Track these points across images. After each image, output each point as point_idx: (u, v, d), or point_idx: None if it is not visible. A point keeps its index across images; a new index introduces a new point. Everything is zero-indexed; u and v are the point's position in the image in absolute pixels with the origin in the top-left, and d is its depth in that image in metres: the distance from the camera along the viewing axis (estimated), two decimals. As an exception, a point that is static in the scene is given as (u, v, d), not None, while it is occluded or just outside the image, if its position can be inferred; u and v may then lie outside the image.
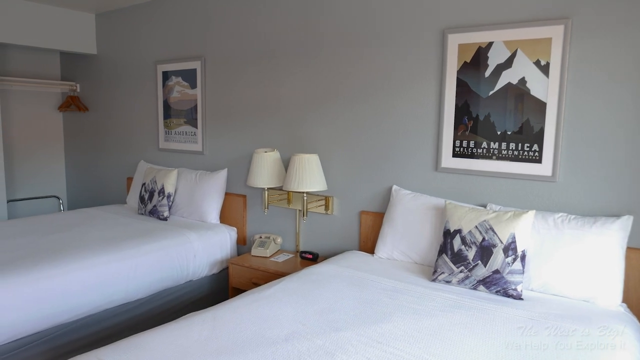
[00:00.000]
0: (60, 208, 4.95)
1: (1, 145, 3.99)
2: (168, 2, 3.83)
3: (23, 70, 4.62)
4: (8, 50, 4.36)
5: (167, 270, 2.90)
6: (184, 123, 3.79)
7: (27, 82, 4.49)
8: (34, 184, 4.81)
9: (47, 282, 2.36)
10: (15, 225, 3.24)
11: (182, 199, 3.52)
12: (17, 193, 4.58)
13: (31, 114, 4.75)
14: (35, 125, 4.80)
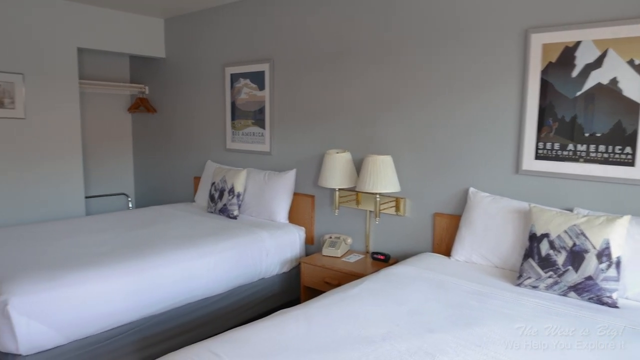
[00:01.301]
0: (129, 205, 5.16)
1: (80, 145, 4.20)
2: (236, 6, 3.93)
3: (95, 74, 4.85)
4: (83, 54, 4.59)
5: (242, 267, 2.98)
6: (251, 124, 3.88)
7: (100, 84, 4.71)
8: (104, 181, 5.04)
9: (136, 276, 2.48)
10: (96, 221, 3.42)
11: (251, 198, 3.61)
12: (89, 190, 4.81)
13: (103, 115, 4.99)
14: (107, 126, 5.04)
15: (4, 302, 2.04)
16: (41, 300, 2.12)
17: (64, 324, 2.19)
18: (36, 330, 2.09)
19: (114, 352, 2.40)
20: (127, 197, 5.18)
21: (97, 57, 4.83)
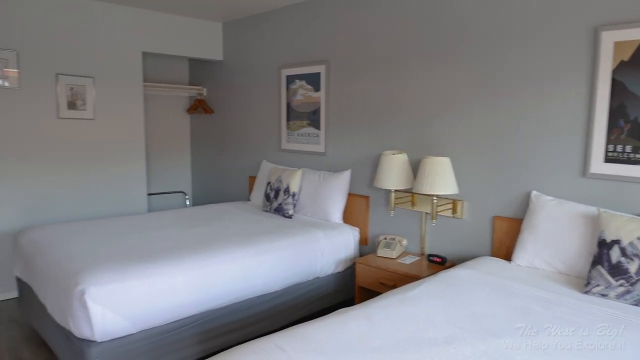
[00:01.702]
0: (186, 203, 5.36)
1: (143, 145, 4.41)
2: (292, 9, 4.00)
3: (156, 76, 5.07)
4: (146, 58, 4.81)
5: (298, 266, 3.03)
6: (306, 125, 3.93)
7: (161, 87, 4.92)
8: (163, 180, 5.26)
9: (199, 272, 2.58)
10: (159, 217, 3.58)
11: (305, 198, 3.66)
12: (150, 188, 5.03)
13: (163, 116, 5.21)
14: (166, 126, 5.25)
15: (81, 292, 2.18)
16: (114, 291, 2.25)
17: (134, 314, 2.31)
18: (109, 318, 2.22)
19: (178, 342, 2.51)
20: (185, 195, 5.38)
21: (159, 60, 5.04)
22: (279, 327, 2.91)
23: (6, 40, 3.59)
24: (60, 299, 2.34)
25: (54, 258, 2.60)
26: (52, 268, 2.53)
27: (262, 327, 2.88)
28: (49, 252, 2.71)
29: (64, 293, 2.29)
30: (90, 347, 2.22)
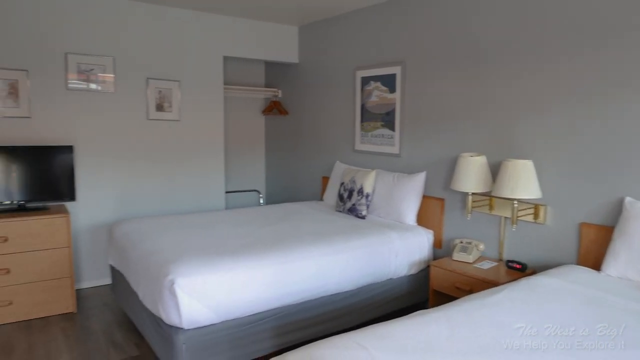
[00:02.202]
0: (260, 201, 5.54)
1: (222, 145, 4.62)
2: (368, 11, 4.02)
3: (234, 79, 5.29)
4: (225, 61, 5.03)
5: (372, 266, 3.05)
6: (380, 126, 3.94)
7: (239, 89, 5.13)
8: (239, 178, 5.48)
9: (276, 268, 2.67)
10: (237, 214, 3.73)
11: (379, 199, 3.66)
12: (226, 186, 5.26)
13: (240, 118, 5.43)
14: (243, 127, 5.47)
15: (171, 281, 2.34)
16: (200, 282, 2.39)
17: (217, 305, 2.44)
18: (195, 308, 2.36)
19: (256, 334, 2.61)
20: (259, 194, 5.57)
21: (237, 63, 5.26)
22: (351, 326, 2.94)
23: (105, 47, 3.91)
24: (152, 288, 2.52)
25: (145, 249, 2.80)
26: (143, 259, 2.73)
27: (335, 325, 2.93)
28: (141, 243, 2.92)
29: (155, 282, 2.47)
30: (178, 333, 2.37)
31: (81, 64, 3.81)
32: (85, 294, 3.92)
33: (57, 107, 3.78)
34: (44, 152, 3.57)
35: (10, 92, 3.59)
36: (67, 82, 3.79)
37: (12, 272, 3.30)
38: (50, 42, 3.70)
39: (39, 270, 3.38)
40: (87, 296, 3.87)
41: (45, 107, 3.74)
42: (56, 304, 3.48)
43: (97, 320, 3.43)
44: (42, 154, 3.57)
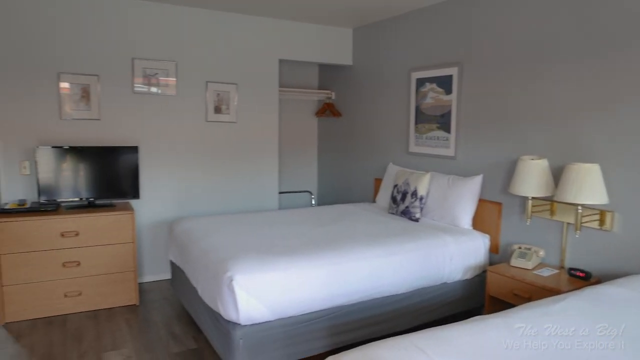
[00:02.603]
0: (311, 202, 5.60)
1: (277, 146, 4.72)
2: (424, 12, 3.98)
3: (288, 82, 5.38)
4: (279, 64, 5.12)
5: (426, 269, 3.02)
6: (436, 128, 3.89)
7: (293, 91, 5.21)
8: (291, 179, 5.56)
9: (330, 268, 2.69)
10: (291, 214, 3.80)
11: (433, 202, 3.62)
12: (279, 186, 5.36)
13: (293, 119, 5.51)
14: (296, 129, 5.55)
15: (229, 278, 2.42)
16: (257, 280, 2.45)
17: (273, 302, 2.49)
18: (252, 305, 2.43)
19: (309, 333, 2.65)
20: (311, 195, 5.63)
21: (291, 66, 5.34)
22: (404, 329, 2.93)
23: (168, 52, 4.09)
24: (211, 284, 2.61)
25: (204, 247, 2.91)
26: (203, 255, 2.83)
27: (388, 327, 2.92)
28: (200, 241, 3.04)
29: (214, 279, 2.56)
30: (235, 329, 2.44)
31: (146, 69, 4.01)
32: (147, 287, 4.11)
33: (123, 109, 3.99)
34: (112, 152, 3.79)
35: (83, 95, 3.83)
36: (133, 86, 4.00)
37: (81, 265, 3.51)
38: (119, 48, 3.91)
39: (105, 264, 3.59)
40: (148, 290, 4.06)
41: (113, 109, 3.96)
42: (120, 296, 3.67)
43: (157, 313, 3.59)
44: (110, 154, 3.78)
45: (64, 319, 3.44)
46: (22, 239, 3.32)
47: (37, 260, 3.38)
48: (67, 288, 3.49)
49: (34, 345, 3.05)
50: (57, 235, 3.42)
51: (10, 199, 3.69)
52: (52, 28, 3.68)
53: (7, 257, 3.29)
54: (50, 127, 3.76)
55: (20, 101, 3.65)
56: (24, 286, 3.36)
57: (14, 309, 3.36)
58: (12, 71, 3.60)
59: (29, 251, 3.35)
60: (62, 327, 3.33)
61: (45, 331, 3.25)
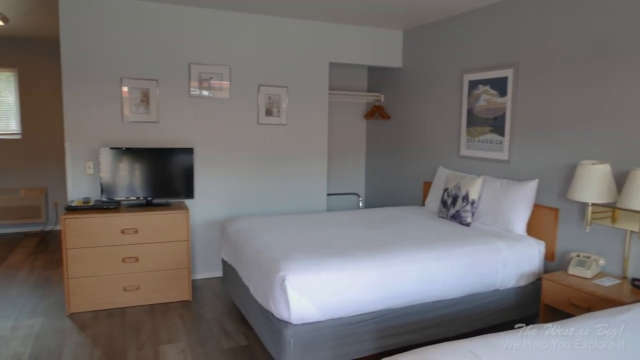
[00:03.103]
0: (359, 205, 5.61)
1: (326, 148, 4.76)
2: (478, 13, 3.91)
3: (338, 84, 5.41)
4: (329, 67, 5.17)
5: (477, 275, 2.96)
6: (488, 131, 3.81)
7: (342, 94, 5.24)
8: (339, 181, 5.59)
9: (381, 271, 2.70)
10: (339, 216, 3.83)
11: (485, 206, 3.54)
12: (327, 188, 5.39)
13: (342, 122, 5.54)
14: (344, 131, 5.57)
15: (282, 278, 2.47)
16: (309, 280, 2.49)
17: (324, 303, 2.52)
18: (304, 304, 2.47)
19: (359, 335, 2.66)
20: (358, 197, 5.64)
21: (340, 69, 5.38)
22: (455, 335, 2.88)
23: (222, 57, 4.23)
24: (263, 283, 2.68)
25: (257, 246, 2.98)
26: (255, 255, 2.91)
27: (439, 332, 2.89)
28: (252, 240, 3.11)
29: (266, 278, 2.62)
30: (286, 327, 2.49)
31: (202, 73, 4.16)
32: (199, 284, 4.25)
33: (180, 112, 4.16)
34: (168, 154, 3.95)
35: (142, 99, 4.01)
36: (189, 90, 4.15)
37: (140, 261, 3.68)
38: (177, 54, 4.08)
39: (161, 261, 3.74)
40: (200, 287, 4.20)
41: (170, 112, 4.13)
42: (175, 291, 3.82)
43: (209, 310, 3.71)
44: (167, 155, 3.95)
45: (123, 312, 3.62)
46: (86, 235, 3.52)
47: (99, 255, 3.57)
48: (126, 282, 3.67)
49: (96, 336, 3.22)
50: (118, 232, 3.60)
51: (76, 196, 3.92)
52: (117, 37, 3.88)
53: (72, 252, 3.50)
54: (112, 129, 3.96)
55: (87, 105, 3.87)
56: (87, 279, 3.56)
57: (78, 300, 3.56)
58: (81, 78, 3.82)
59: (92, 246, 3.54)
60: (122, 319, 3.50)
61: (106, 323, 3.43)
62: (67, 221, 3.47)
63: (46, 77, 6.04)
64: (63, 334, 3.24)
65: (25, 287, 4.15)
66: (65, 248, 3.48)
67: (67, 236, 3.47)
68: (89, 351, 3.01)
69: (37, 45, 5.97)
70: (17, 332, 3.26)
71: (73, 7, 3.75)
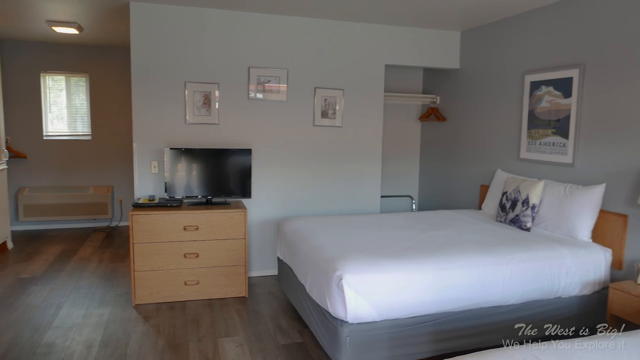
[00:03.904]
0: (412, 207, 5.56)
1: (380, 150, 4.77)
2: (541, 12, 3.79)
3: (392, 86, 5.40)
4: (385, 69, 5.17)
5: (538, 281, 2.88)
6: (551, 133, 3.68)
7: (398, 96, 5.22)
8: (392, 183, 5.57)
9: (438, 273, 2.68)
10: (394, 218, 3.82)
11: (547, 211, 3.43)
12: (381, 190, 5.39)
13: (396, 124, 5.51)
14: (398, 133, 5.55)
15: (339, 277, 2.51)
16: (365, 280, 2.52)
17: (380, 303, 2.54)
18: (360, 304, 2.50)
19: (414, 337, 2.66)
20: (412, 199, 5.59)
21: (395, 70, 5.36)
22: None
23: (280, 60, 4.33)
24: (319, 282, 2.73)
25: (313, 245, 3.04)
26: (312, 254, 2.96)
27: (497, 337, 2.83)
28: (308, 240, 3.18)
29: (323, 277, 2.67)
30: (342, 326, 2.53)
31: (260, 76, 4.28)
32: (254, 281, 4.37)
33: (239, 114, 4.30)
34: (228, 154, 4.09)
35: (204, 102, 4.18)
36: (248, 93, 4.28)
37: (200, 257, 3.84)
38: (237, 58, 4.22)
39: (220, 257, 3.88)
40: (255, 284, 4.31)
41: (230, 114, 4.27)
42: (232, 287, 3.95)
43: (265, 306, 3.80)
44: (226, 156, 4.09)
45: (184, 305, 3.78)
46: (151, 231, 3.71)
47: (163, 250, 3.75)
48: (187, 277, 3.83)
49: (159, 326, 3.39)
50: (180, 229, 3.77)
51: (142, 194, 4.14)
52: (182, 43, 4.07)
53: (139, 246, 3.70)
54: (176, 130, 4.16)
55: (153, 108, 4.08)
56: (151, 273, 3.75)
57: (143, 292, 3.76)
58: (148, 83, 4.04)
59: (157, 242, 3.73)
60: (183, 312, 3.66)
61: (169, 315, 3.60)
62: (134, 217, 3.67)
63: (114, 82, 6.42)
64: (129, 324, 3.43)
65: (94, 278, 4.42)
66: (132, 243, 3.68)
67: (134, 231, 3.68)
68: (153, 340, 3.18)
69: (106, 51, 6.35)
70: (88, 320, 3.48)
71: (142, 16, 3.97)
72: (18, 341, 3.14)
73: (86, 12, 4.29)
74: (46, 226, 6.40)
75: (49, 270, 4.64)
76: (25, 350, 3.02)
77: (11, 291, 4.04)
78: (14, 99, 6.11)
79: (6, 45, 5.97)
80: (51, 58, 6.18)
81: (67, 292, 4.04)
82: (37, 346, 3.07)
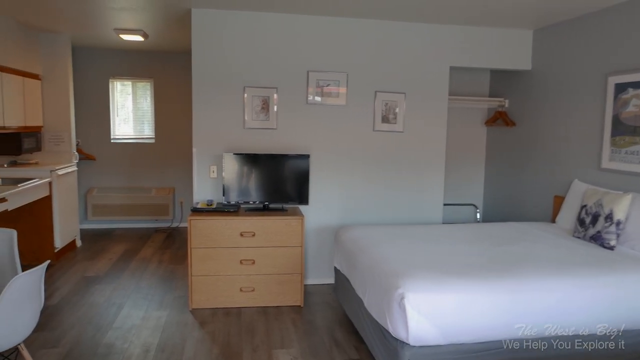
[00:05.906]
0: (476, 216, 5.26)
1: (443, 156, 4.53)
2: (627, 7, 3.42)
3: (456, 89, 5.12)
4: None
5: (627, 309, 2.56)
6: (639, 141, 3.31)
7: (463, 99, 4.95)
8: (454, 190, 5.29)
9: (510, 295, 2.44)
10: (459, 230, 3.58)
11: (634, 228, 3.08)
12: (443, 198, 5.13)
13: (460, 128, 5.24)
14: (463, 138, 5.27)
15: (400, 295, 2.34)
16: (430, 300, 2.33)
17: (445, 325, 2.35)
18: (423, 325, 2.31)
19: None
20: (476, 208, 5.29)
21: (459, 72, 5.09)
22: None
23: (339, 64, 4.21)
24: (379, 298, 2.57)
25: (373, 258, 2.89)
26: (371, 267, 2.81)
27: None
28: (368, 251, 3.03)
29: (383, 293, 2.51)
30: (403, 348, 2.36)
31: (319, 80, 4.18)
32: (310, 290, 4.27)
33: (297, 119, 4.22)
34: (286, 159, 4.02)
35: (263, 107, 4.14)
36: (307, 97, 4.20)
37: (256, 263, 3.78)
38: (296, 62, 4.15)
39: (276, 265, 3.81)
40: (311, 292, 4.21)
41: (288, 119, 4.21)
42: (287, 295, 3.86)
43: (320, 317, 3.69)
44: (284, 161, 4.02)
45: (239, 312, 3.75)
46: (209, 236, 3.70)
47: (220, 256, 3.73)
48: (242, 283, 3.79)
49: (214, 333, 3.36)
50: (237, 235, 3.73)
51: (200, 198, 4.16)
52: (241, 48, 4.05)
53: (196, 251, 3.70)
54: (234, 135, 4.14)
55: (212, 113, 4.09)
56: (208, 278, 3.74)
57: (199, 297, 3.76)
58: (208, 87, 4.05)
59: (214, 247, 3.72)
60: (237, 318, 3.62)
61: (224, 321, 3.57)
62: (192, 222, 3.67)
63: (176, 87, 6.57)
64: (185, 328, 3.43)
65: (154, 279, 4.49)
66: (190, 247, 3.69)
67: (192, 236, 3.68)
68: (207, 348, 3.15)
69: (169, 57, 6.51)
70: (147, 323, 3.52)
71: (203, 23, 3.98)
72: (81, 340, 3.21)
73: (151, 19, 4.38)
74: (112, 225, 6.66)
75: (112, 269, 4.78)
76: (87, 350, 3.08)
77: (77, 289, 4.18)
78: (85, 103, 6.39)
79: (78, 53, 6.25)
80: (119, 64, 6.42)
81: (129, 292, 4.12)
82: (97, 346, 3.13)
